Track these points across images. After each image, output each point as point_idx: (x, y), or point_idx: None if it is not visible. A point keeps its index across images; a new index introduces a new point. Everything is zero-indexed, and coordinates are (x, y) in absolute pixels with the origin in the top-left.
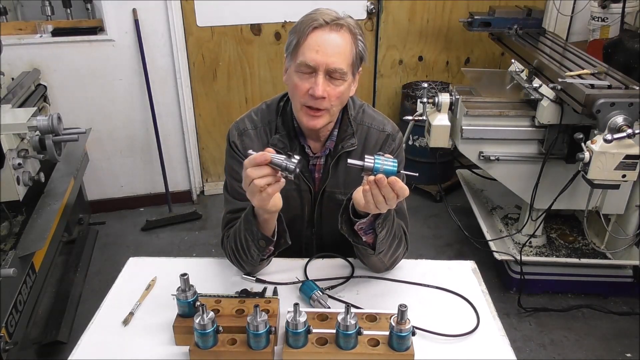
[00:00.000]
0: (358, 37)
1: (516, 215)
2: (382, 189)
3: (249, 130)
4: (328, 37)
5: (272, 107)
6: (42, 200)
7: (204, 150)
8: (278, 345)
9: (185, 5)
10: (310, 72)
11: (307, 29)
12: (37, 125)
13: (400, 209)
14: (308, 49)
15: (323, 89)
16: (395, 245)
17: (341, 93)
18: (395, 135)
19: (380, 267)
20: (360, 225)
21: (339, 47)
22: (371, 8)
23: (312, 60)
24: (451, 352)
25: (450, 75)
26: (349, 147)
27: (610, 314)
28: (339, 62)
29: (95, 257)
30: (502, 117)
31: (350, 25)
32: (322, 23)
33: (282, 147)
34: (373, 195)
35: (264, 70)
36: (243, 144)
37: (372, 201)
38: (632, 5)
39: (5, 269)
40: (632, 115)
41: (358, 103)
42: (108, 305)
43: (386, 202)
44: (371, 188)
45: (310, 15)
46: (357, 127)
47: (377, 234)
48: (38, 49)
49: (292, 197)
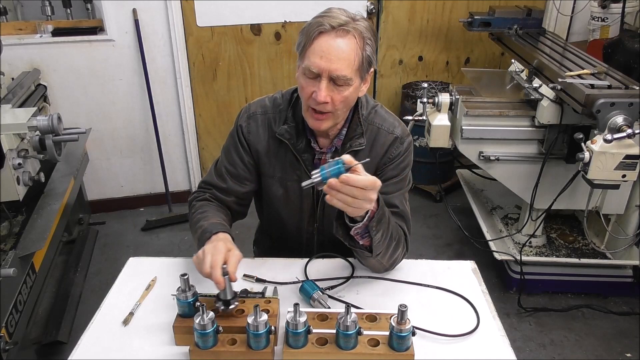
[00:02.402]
0: (367, 42)
1: (516, 215)
2: (342, 190)
3: (257, 115)
4: (333, 43)
5: (285, 96)
6: (42, 200)
7: (204, 150)
8: (278, 345)
9: (185, 5)
10: (315, 77)
11: (313, 33)
12: (37, 125)
13: (402, 210)
14: (313, 54)
15: (325, 95)
16: (394, 247)
17: (345, 98)
18: (405, 138)
19: (380, 268)
20: (356, 230)
21: (344, 52)
22: (371, 8)
23: (316, 66)
24: (451, 352)
25: (450, 75)
26: (357, 147)
27: (610, 314)
28: (342, 69)
29: (95, 257)
30: (502, 117)
31: (359, 29)
32: (328, 28)
33: (289, 138)
34: (340, 199)
35: (264, 70)
36: (249, 127)
37: (345, 206)
38: (632, 5)
39: (5, 269)
40: (632, 115)
41: (372, 103)
42: (108, 305)
43: (357, 198)
44: (332, 196)
45: (320, 17)
46: (367, 127)
47: (372, 237)
48: (38, 49)
49: (292, 188)
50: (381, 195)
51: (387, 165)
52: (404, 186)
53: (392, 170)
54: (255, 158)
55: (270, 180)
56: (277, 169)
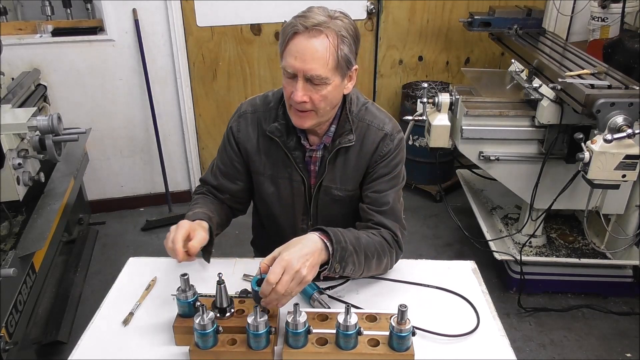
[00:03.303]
0: (343, 40)
1: (516, 215)
2: (274, 296)
3: (247, 114)
4: (307, 44)
5: (277, 95)
6: (42, 200)
7: (204, 150)
8: (278, 346)
9: (185, 5)
10: (292, 77)
11: (288, 34)
12: (37, 125)
13: (392, 208)
14: (289, 55)
15: (302, 94)
16: (376, 262)
17: (324, 97)
18: (395, 135)
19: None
20: (325, 274)
21: (317, 52)
22: (371, 8)
23: (291, 67)
24: (451, 352)
25: (450, 75)
26: (347, 143)
27: (610, 314)
28: (316, 69)
29: (95, 257)
30: (502, 117)
31: (334, 28)
32: (302, 29)
33: (279, 136)
34: (283, 298)
35: (264, 70)
36: (239, 126)
37: (295, 293)
38: (632, 5)
39: (5, 269)
40: (632, 115)
41: (362, 100)
42: (108, 305)
43: (288, 288)
44: (277, 302)
45: (296, 17)
46: (357, 124)
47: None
48: (38, 49)
49: (283, 185)
50: (373, 194)
51: (378, 162)
52: (397, 183)
53: (384, 167)
54: (244, 157)
55: (262, 178)
56: (267, 166)
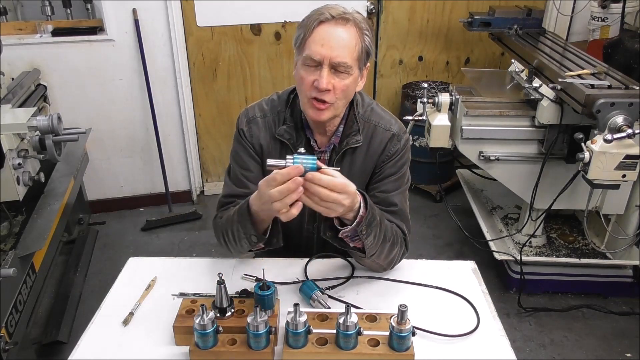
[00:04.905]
0: (365, 32)
1: (516, 215)
2: (308, 188)
3: (257, 119)
4: (334, 31)
5: (282, 98)
6: (42, 200)
7: (204, 150)
8: (278, 346)
9: (185, 5)
10: (316, 66)
11: (313, 23)
12: (37, 125)
13: (401, 209)
14: (313, 43)
15: (328, 81)
16: (389, 247)
17: (346, 86)
18: (402, 135)
19: (377, 268)
20: (345, 233)
21: (344, 40)
22: (371, 8)
23: (317, 54)
24: (451, 352)
25: (450, 75)
26: (354, 144)
27: (610, 314)
28: (343, 56)
29: (95, 257)
30: (502, 117)
31: (357, 19)
32: (328, 17)
33: (288, 139)
34: (309, 197)
35: (264, 70)
36: (250, 131)
37: (314, 205)
38: (632, 5)
39: (5, 269)
40: (632, 115)
41: (367, 101)
42: (108, 305)
43: (325, 200)
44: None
45: (317, 10)
46: (363, 125)
47: (363, 240)
48: (38, 49)
49: None
50: (380, 194)
51: (385, 163)
52: (403, 184)
53: (391, 168)
54: (260, 158)
55: None
56: None
